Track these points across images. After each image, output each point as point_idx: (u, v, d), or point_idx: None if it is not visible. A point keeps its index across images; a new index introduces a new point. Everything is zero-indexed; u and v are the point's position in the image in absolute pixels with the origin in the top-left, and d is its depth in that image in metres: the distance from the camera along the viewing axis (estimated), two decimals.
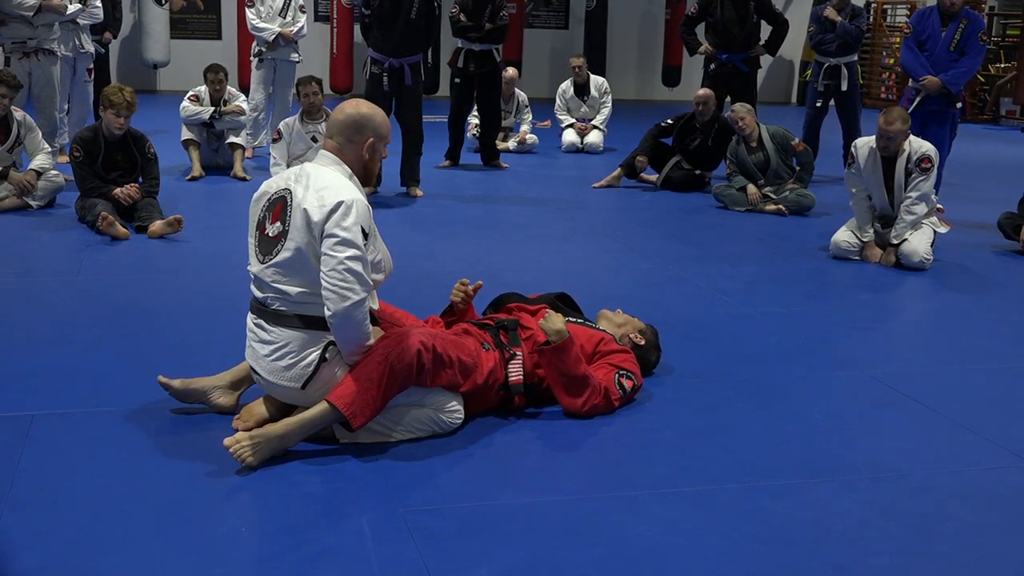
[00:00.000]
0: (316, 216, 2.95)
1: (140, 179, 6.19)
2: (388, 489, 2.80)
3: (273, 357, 3.05)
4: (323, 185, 3.01)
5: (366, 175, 3.17)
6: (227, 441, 2.89)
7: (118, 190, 5.96)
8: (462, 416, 3.20)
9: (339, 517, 2.65)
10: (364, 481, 2.85)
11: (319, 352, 3.03)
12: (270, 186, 3.18)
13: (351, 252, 2.93)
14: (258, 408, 3.18)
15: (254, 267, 3.12)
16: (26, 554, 2.41)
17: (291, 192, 3.05)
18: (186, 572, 2.37)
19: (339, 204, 2.94)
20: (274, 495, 2.77)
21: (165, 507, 2.66)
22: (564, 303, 3.76)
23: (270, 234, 3.06)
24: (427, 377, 3.06)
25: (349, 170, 3.11)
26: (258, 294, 3.11)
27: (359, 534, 2.56)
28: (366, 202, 3.04)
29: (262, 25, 8.54)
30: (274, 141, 6.93)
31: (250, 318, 3.15)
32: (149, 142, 6.25)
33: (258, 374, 3.13)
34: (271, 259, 3.04)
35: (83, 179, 5.99)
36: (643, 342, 3.72)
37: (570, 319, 3.56)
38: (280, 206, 3.06)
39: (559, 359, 3.28)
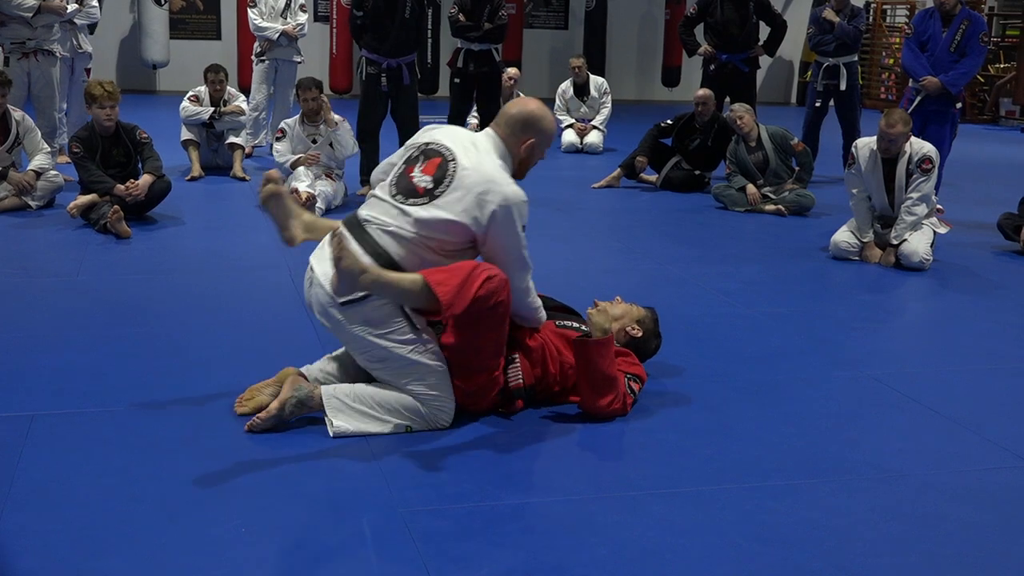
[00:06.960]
0: (481, 209, 3.10)
1: (141, 172, 6.17)
2: (388, 489, 2.80)
3: None
4: (491, 177, 3.15)
5: (520, 171, 3.34)
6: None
7: (120, 187, 5.94)
8: (450, 417, 3.21)
9: (339, 517, 2.65)
10: (364, 481, 2.85)
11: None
12: (432, 137, 3.28)
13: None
14: (260, 395, 3.25)
15: (377, 192, 3.25)
16: (26, 554, 2.41)
17: (456, 159, 3.17)
18: (186, 572, 2.37)
19: (509, 206, 3.13)
20: (274, 495, 2.77)
21: (165, 507, 2.66)
22: (563, 311, 3.72)
23: (415, 181, 3.18)
24: (498, 317, 3.11)
25: (510, 161, 3.28)
26: (362, 213, 3.22)
27: (359, 534, 2.56)
28: (525, 198, 3.21)
29: (264, 24, 8.56)
30: (277, 139, 6.94)
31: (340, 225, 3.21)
32: (139, 128, 6.25)
33: (314, 272, 3.16)
34: (401, 201, 3.16)
35: (87, 171, 5.98)
36: (640, 334, 3.65)
37: (565, 323, 3.54)
38: (439, 161, 3.17)
39: (599, 354, 3.25)
